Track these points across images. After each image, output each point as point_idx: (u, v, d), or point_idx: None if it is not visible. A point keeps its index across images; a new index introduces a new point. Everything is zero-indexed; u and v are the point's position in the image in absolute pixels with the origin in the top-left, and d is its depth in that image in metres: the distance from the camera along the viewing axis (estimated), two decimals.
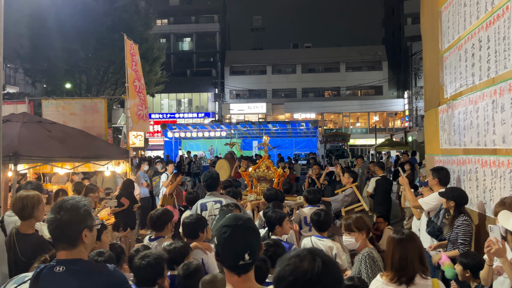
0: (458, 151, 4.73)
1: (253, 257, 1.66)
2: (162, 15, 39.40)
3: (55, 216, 1.87)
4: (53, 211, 1.89)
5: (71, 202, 1.91)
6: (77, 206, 1.91)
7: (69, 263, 1.86)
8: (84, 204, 1.96)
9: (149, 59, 23.77)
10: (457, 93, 4.70)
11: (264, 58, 41.17)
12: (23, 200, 3.02)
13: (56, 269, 1.84)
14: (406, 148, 21.72)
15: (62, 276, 1.83)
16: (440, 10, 5.34)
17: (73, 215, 1.88)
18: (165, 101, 40.88)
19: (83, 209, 1.93)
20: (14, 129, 5.50)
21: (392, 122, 39.21)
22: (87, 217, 1.94)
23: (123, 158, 7.06)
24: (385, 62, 39.39)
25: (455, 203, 3.82)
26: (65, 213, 1.87)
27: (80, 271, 1.87)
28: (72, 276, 1.84)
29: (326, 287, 1.24)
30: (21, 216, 3.04)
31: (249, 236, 1.69)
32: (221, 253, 1.68)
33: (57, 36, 21.49)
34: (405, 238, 2.45)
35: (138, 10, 24.88)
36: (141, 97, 8.25)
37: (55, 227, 1.87)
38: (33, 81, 25.41)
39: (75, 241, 1.88)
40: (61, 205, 1.89)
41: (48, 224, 1.89)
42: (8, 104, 8.26)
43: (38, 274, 1.85)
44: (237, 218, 1.73)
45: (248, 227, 1.70)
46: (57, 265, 1.85)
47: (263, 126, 21.26)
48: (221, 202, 4.22)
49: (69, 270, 1.84)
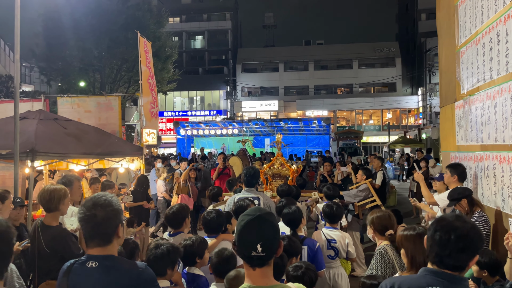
0: (475, 148, 4.65)
1: (267, 251, 1.63)
2: (174, 13, 39.58)
3: (90, 213, 1.87)
4: (87, 208, 1.89)
5: (104, 199, 1.92)
6: (111, 202, 1.93)
7: (102, 259, 1.87)
8: (116, 200, 1.98)
9: (161, 57, 23.92)
10: (474, 89, 4.62)
11: (276, 55, 41.07)
12: (50, 193, 3.09)
13: (89, 264, 1.86)
14: (420, 145, 21.47)
15: (95, 271, 1.85)
16: (456, 4, 5.25)
17: (108, 211, 1.89)
18: (177, 99, 41.10)
19: (116, 205, 1.95)
20: (31, 126, 5.58)
21: (406, 120, 38.79)
22: (120, 212, 1.96)
23: (137, 155, 7.12)
24: (398, 59, 38.95)
25: (467, 200, 3.81)
26: (101, 209, 1.88)
27: (113, 267, 1.89)
28: (104, 272, 1.85)
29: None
30: (47, 208, 3.11)
31: (265, 228, 1.67)
32: (237, 241, 1.69)
33: (72, 35, 21.77)
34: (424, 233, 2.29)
35: (151, 8, 25.04)
36: (153, 94, 8.31)
37: (92, 224, 1.87)
38: (48, 79, 25.82)
39: (110, 237, 1.91)
40: (95, 202, 1.90)
41: (82, 221, 1.89)
42: (24, 102, 8.40)
43: (69, 268, 1.88)
44: (258, 210, 1.74)
45: (265, 219, 1.68)
46: (88, 260, 1.87)
47: (275, 123, 21.24)
48: (259, 199, 4.29)
49: (102, 265, 1.86)
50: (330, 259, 4.05)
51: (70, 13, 21.89)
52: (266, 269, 1.65)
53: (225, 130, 22.07)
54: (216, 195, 5.44)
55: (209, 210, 3.71)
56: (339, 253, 4.08)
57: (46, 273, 2.99)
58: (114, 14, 22.46)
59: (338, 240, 4.05)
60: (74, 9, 22.11)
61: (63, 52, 22.66)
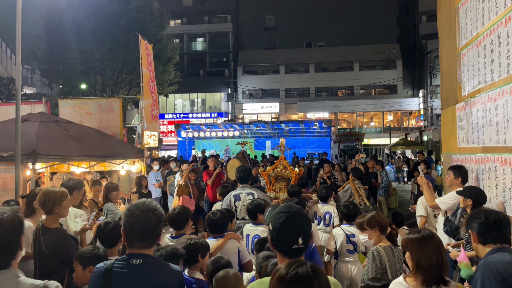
0: (476, 150, 4.64)
1: (306, 243, 1.82)
2: (176, 15, 39.66)
3: (145, 216, 1.99)
4: (141, 210, 2.00)
5: (154, 205, 2.06)
6: (160, 209, 2.07)
7: (145, 257, 1.98)
8: (161, 208, 2.11)
9: (162, 60, 23.95)
10: (476, 91, 4.61)
11: (277, 57, 41.10)
12: (46, 195, 3.10)
13: (133, 261, 1.95)
14: (421, 147, 21.46)
15: (140, 268, 1.94)
16: (457, 6, 5.25)
17: (159, 216, 2.05)
18: (178, 101, 41.13)
19: (162, 212, 2.09)
20: (32, 128, 5.59)
21: (407, 122, 38.75)
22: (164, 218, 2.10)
23: (138, 157, 7.12)
24: (399, 61, 38.94)
25: (473, 201, 3.76)
26: (153, 214, 2.02)
27: (156, 264, 2.01)
28: (150, 268, 1.96)
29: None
30: (44, 211, 3.14)
31: (302, 222, 1.85)
32: (276, 237, 1.82)
33: (73, 38, 21.82)
34: (429, 236, 2.31)
35: (152, 11, 25.07)
36: (153, 97, 8.31)
37: (147, 225, 1.99)
38: (49, 82, 25.88)
39: (156, 239, 2.07)
40: (148, 208, 2.02)
41: (134, 223, 1.98)
42: (26, 104, 8.40)
43: (108, 268, 1.96)
44: (291, 206, 1.91)
45: (301, 214, 1.86)
46: (132, 257, 1.96)
47: (276, 125, 21.21)
48: (253, 194, 4.63)
49: (146, 262, 1.96)
50: (349, 253, 4.26)
51: (72, 16, 21.95)
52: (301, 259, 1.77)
53: (226, 132, 22.06)
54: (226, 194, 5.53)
55: (213, 211, 3.78)
56: (358, 247, 4.25)
57: (47, 275, 2.97)
58: (116, 17, 22.50)
59: (357, 235, 4.23)
60: (75, 11, 22.16)
61: (64, 55, 22.70)
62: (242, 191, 4.71)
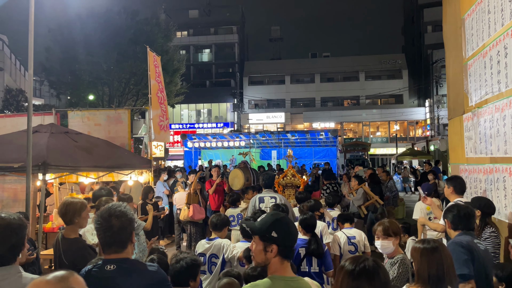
0: (484, 160, 4.63)
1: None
2: (182, 27, 40.12)
3: (107, 223, 2.04)
4: (104, 218, 2.05)
5: (119, 210, 2.09)
6: (125, 212, 2.09)
7: (120, 262, 2.03)
8: (129, 210, 2.15)
9: (169, 71, 24.17)
10: (483, 101, 4.62)
11: (283, 67, 41.30)
12: (66, 206, 3.16)
13: (107, 267, 2.01)
14: (428, 157, 21.33)
15: (114, 273, 1.99)
16: (463, 17, 5.29)
17: (123, 220, 2.06)
18: (185, 112, 41.36)
19: (130, 215, 2.12)
20: (43, 139, 5.66)
21: (413, 131, 38.61)
22: (133, 221, 2.13)
23: (146, 167, 7.17)
24: (405, 71, 38.95)
25: (482, 212, 3.74)
26: (117, 219, 2.04)
27: (129, 268, 2.04)
28: (122, 273, 2.00)
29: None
30: (64, 221, 3.20)
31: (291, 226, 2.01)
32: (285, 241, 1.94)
33: (81, 49, 22.13)
34: (433, 248, 2.32)
35: (159, 22, 25.39)
36: (162, 108, 8.39)
37: (108, 233, 2.03)
38: (58, 93, 26.17)
39: (125, 244, 2.07)
40: (111, 213, 2.06)
41: (100, 230, 2.05)
42: (36, 115, 8.51)
43: (87, 274, 2.03)
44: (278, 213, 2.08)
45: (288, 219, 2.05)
46: (106, 264, 2.02)
47: (282, 135, 21.22)
48: (276, 198, 5.22)
49: (120, 267, 2.01)
50: (351, 254, 4.53)
51: (80, 28, 22.29)
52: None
53: (232, 142, 22.10)
54: (235, 201, 6.03)
55: (247, 217, 4.16)
56: (358, 248, 4.63)
57: None
58: (123, 29, 22.82)
59: (357, 237, 4.68)
60: (84, 23, 22.51)
61: (72, 66, 23.00)
62: (266, 194, 5.35)
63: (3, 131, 7.62)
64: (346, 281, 1.59)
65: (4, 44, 34.89)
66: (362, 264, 1.60)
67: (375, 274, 1.58)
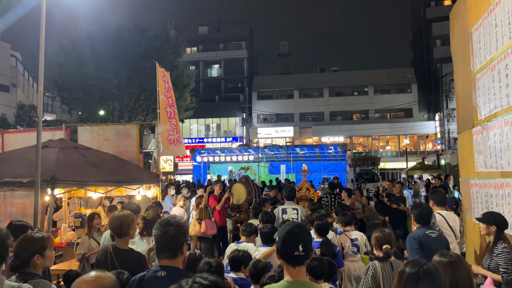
0: (495, 174, 4.55)
1: (306, 251, 2.05)
2: (192, 43, 40.67)
3: (164, 229, 2.26)
4: (162, 226, 2.28)
5: (175, 220, 2.32)
6: (180, 223, 2.32)
7: (170, 269, 2.23)
8: (184, 222, 2.38)
9: (178, 86, 24.41)
10: (492, 115, 4.57)
11: (291, 82, 41.46)
12: (120, 219, 3.26)
13: (159, 273, 2.23)
14: (439, 171, 21.08)
15: (165, 280, 2.18)
16: (470, 31, 5.27)
17: (178, 230, 2.27)
18: (194, 126, 41.61)
19: (184, 226, 2.34)
20: (52, 154, 5.72)
21: (424, 145, 38.28)
22: (186, 233, 2.36)
23: (154, 182, 7.18)
24: (414, 85, 38.84)
25: (497, 227, 3.68)
26: (173, 228, 2.26)
27: (178, 276, 2.14)
28: (172, 280, 2.07)
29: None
30: (118, 234, 3.27)
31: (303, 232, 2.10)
32: (281, 246, 2.08)
33: (93, 65, 22.50)
34: (454, 261, 2.26)
35: (169, 39, 25.76)
36: (172, 122, 8.43)
37: (163, 239, 2.25)
38: (69, 108, 26.54)
39: (177, 252, 2.27)
40: (168, 222, 2.29)
41: (157, 236, 2.27)
42: (46, 131, 8.62)
43: (141, 278, 2.27)
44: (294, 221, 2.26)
45: (302, 226, 2.14)
46: (159, 270, 2.24)
47: (290, 150, 21.17)
48: (298, 210, 5.81)
49: (170, 275, 2.20)
50: (354, 254, 5.10)
51: (91, 44, 22.72)
52: (302, 268, 2.05)
53: (241, 156, 22.10)
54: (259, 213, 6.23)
55: (264, 225, 4.56)
56: (360, 249, 5.14)
57: None
58: (134, 45, 23.19)
59: (359, 238, 5.19)
60: (95, 40, 22.95)
61: (83, 82, 23.37)
62: (289, 206, 5.94)
63: (15, 146, 7.72)
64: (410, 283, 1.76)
65: (17, 61, 35.67)
66: (425, 266, 1.79)
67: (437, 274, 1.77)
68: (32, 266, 2.60)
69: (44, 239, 2.69)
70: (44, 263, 2.67)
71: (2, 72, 33.41)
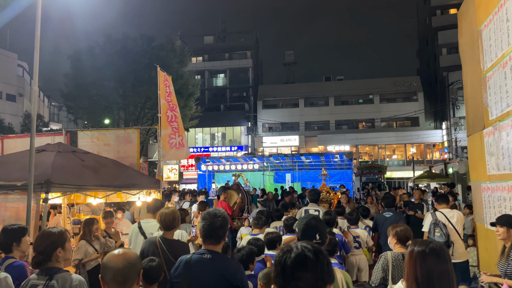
0: (508, 177, 4.33)
1: (322, 239, 2.60)
2: (197, 52, 40.84)
3: (213, 220, 2.68)
4: (210, 217, 2.70)
5: (221, 212, 2.76)
6: (226, 216, 2.76)
7: (214, 253, 2.65)
8: (227, 215, 2.81)
9: (184, 95, 24.37)
10: (504, 114, 4.36)
11: (296, 91, 41.36)
12: (173, 214, 3.70)
13: (205, 255, 2.64)
14: (447, 180, 20.72)
15: (210, 261, 2.61)
16: (480, 28, 5.09)
17: (223, 221, 2.71)
18: (199, 135, 41.56)
19: (227, 219, 2.77)
20: (49, 158, 5.58)
21: (431, 154, 37.84)
22: (228, 223, 2.79)
23: (154, 187, 7.01)
24: (420, 93, 38.55)
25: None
26: (219, 219, 2.69)
27: (220, 258, 2.66)
28: (216, 262, 2.62)
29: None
30: (169, 227, 3.65)
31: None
32: (301, 236, 2.61)
33: (99, 75, 22.56)
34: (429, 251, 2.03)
35: (174, 48, 25.82)
36: (173, 126, 8.27)
37: (211, 227, 2.67)
38: (75, 118, 26.60)
39: (220, 239, 2.70)
40: (215, 214, 2.72)
41: (205, 224, 2.69)
42: (47, 136, 8.53)
43: (190, 258, 2.65)
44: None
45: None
46: (204, 253, 2.65)
47: (296, 158, 20.96)
48: (319, 211, 6.26)
49: (214, 257, 2.63)
50: (356, 249, 5.89)
51: (97, 54, 22.82)
52: None
53: (246, 165, 21.91)
54: (281, 216, 6.66)
55: (288, 217, 5.40)
56: (362, 244, 5.96)
57: None
58: (139, 55, 23.25)
59: (360, 235, 6.01)
60: (101, 50, 23.06)
61: (89, 91, 23.43)
62: (311, 207, 6.46)
63: (15, 152, 7.60)
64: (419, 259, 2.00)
65: (24, 71, 36.01)
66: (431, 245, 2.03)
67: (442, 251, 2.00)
68: (55, 260, 2.75)
69: (63, 232, 2.89)
70: (65, 256, 2.85)
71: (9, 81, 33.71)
